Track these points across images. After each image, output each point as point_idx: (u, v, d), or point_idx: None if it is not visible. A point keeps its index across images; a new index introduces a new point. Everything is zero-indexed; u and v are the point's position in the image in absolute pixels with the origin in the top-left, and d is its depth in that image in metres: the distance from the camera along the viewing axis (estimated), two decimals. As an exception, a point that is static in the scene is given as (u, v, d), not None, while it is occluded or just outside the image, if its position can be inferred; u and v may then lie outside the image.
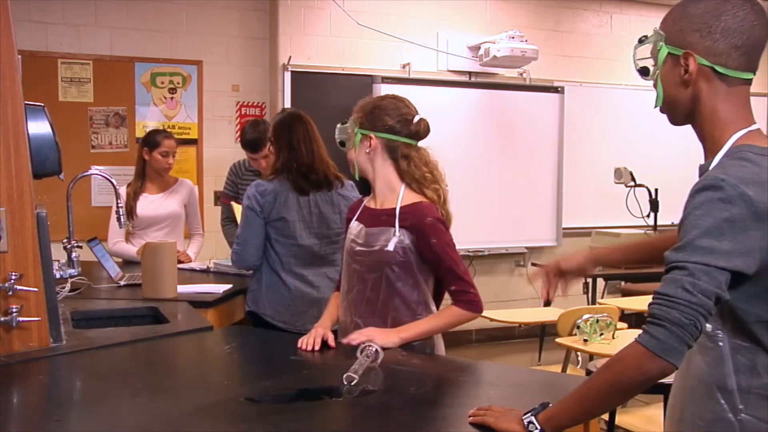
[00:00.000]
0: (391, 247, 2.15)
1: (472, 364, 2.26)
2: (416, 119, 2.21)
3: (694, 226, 1.27)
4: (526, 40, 5.84)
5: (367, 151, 2.21)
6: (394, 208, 2.18)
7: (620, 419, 3.12)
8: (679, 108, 1.43)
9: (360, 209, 2.31)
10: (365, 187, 2.39)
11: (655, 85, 1.46)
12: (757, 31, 1.38)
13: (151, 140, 4.02)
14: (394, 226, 2.16)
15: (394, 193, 2.21)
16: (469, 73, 6.22)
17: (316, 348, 2.11)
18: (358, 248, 2.22)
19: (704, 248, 1.25)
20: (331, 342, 2.15)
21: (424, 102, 3.92)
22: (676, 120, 1.47)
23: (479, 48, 6.00)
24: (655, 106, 1.48)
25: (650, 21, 6.53)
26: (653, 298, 1.27)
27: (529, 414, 1.38)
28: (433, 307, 2.22)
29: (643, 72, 1.48)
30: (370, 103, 2.25)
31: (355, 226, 2.27)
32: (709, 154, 1.40)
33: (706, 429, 1.37)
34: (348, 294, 2.26)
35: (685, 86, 1.40)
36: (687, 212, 1.30)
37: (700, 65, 1.38)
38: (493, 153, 6.23)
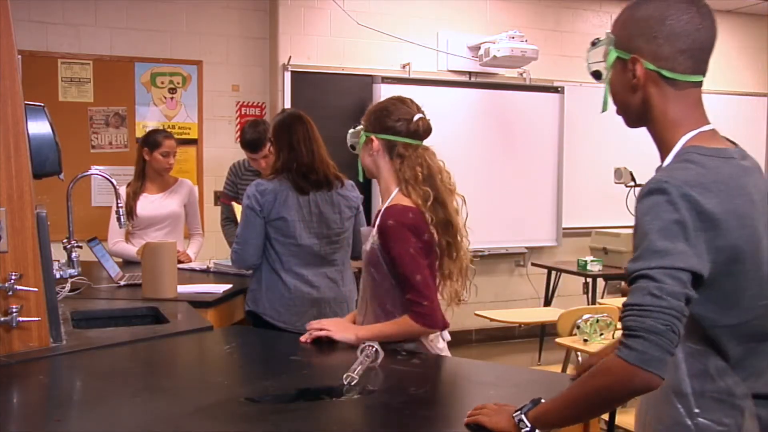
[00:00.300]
0: (367, 246, 2.18)
1: (472, 364, 2.26)
2: (415, 118, 2.21)
3: (647, 232, 1.26)
4: (526, 40, 5.84)
5: (371, 153, 2.23)
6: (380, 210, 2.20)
7: (620, 419, 3.12)
8: (632, 111, 1.44)
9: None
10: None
11: (611, 91, 1.47)
12: (703, 34, 1.38)
13: (152, 140, 4.02)
14: (375, 227, 2.18)
15: (389, 194, 2.22)
16: (469, 73, 6.22)
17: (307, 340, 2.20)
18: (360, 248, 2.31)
19: (660, 252, 1.24)
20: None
21: (424, 102, 3.93)
22: (630, 122, 1.48)
23: (479, 48, 6.00)
24: (602, 111, 1.50)
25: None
26: (624, 311, 1.25)
27: (519, 411, 1.38)
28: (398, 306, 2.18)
29: (596, 75, 1.50)
30: (375, 106, 2.27)
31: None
32: (663, 156, 1.40)
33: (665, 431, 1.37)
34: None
35: (634, 90, 1.41)
36: (637, 219, 1.30)
37: (647, 70, 1.38)
38: (493, 153, 6.23)
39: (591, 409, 1.33)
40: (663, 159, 1.40)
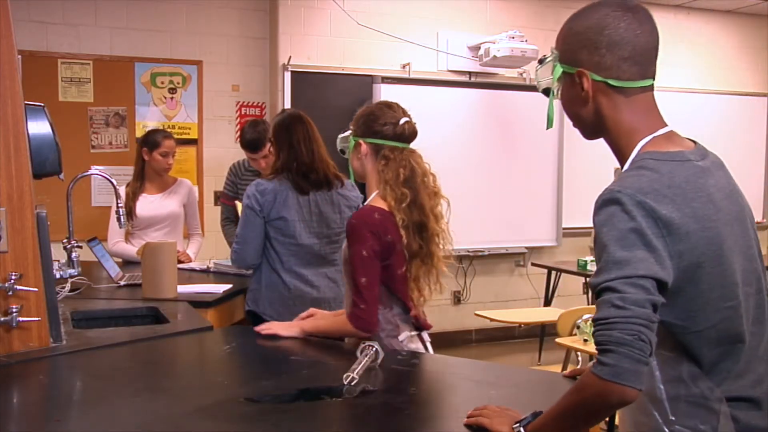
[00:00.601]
0: (343, 245, 2.26)
1: (472, 364, 2.26)
2: (401, 122, 2.27)
3: (605, 244, 1.26)
4: (526, 40, 5.84)
5: (359, 156, 2.28)
6: None
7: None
8: (586, 123, 1.45)
9: None
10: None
11: (562, 105, 1.48)
12: (643, 39, 1.38)
13: (151, 140, 4.01)
14: None
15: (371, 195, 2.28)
16: (469, 73, 6.22)
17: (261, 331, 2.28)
18: None
19: (620, 262, 1.23)
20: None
21: (424, 102, 3.92)
22: (586, 134, 1.49)
23: (479, 48, 6.00)
24: (547, 128, 1.53)
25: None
26: (594, 327, 1.25)
27: (519, 424, 1.38)
28: (393, 309, 2.20)
29: (546, 92, 1.51)
30: (363, 112, 2.32)
31: None
32: (622, 164, 1.41)
33: None
34: None
35: (584, 103, 1.42)
36: (596, 230, 1.30)
37: (593, 81, 1.39)
38: (493, 153, 6.23)
39: (577, 424, 1.32)
40: (622, 167, 1.41)
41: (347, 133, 2.34)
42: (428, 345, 2.29)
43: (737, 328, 1.35)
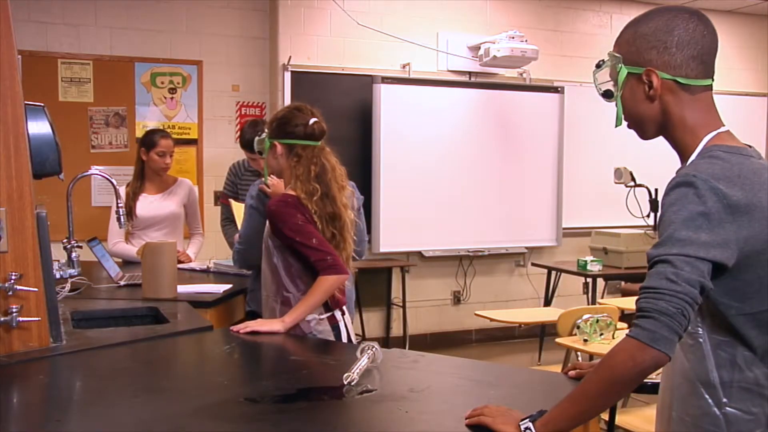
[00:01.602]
0: (265, 236, 2.50)
1: (472, 364, 2.26)
2: (310, 122, 2.48)
3: (671, 221, 1.31)
4: (526, 40, 5.84)
5: (275, 156, 2.51)
6: None
7: (620, 419, 3.11)
8: (649, 123, 1.49)
9: None
10: None
11: (624, 106, 1.51)
12: (709, 40, 1.47)
13: (148, 140, 4.02)
14: None
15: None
16: (469, 73, 6.22)
17: (240, 332, 2.33)
18: None
19: (683, 240, 1.28)
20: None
21: (424, 102, 3.91)
22: (647, 134, 1.53)
23: (479, 48, 6.00)
24: (616, 126, 1.55)
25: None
26: (640, 293, 1.30)
27: (527, 420, 1.39)
28: (289, 294, 2.44)
29: (607, 95, 1.56)
30: (276, 115, 2.56)
31: None
32: (684, 160, 1.46)
33: (693, 424, 1.41)
34: None
35: (651, 101, 1.47)
36: (663, 210, 1.35)
37: (662, 79, 1.44)
38: (493, 153, 6.23)
39: (600, 400, 1.34)
40: (684, 162, 1.45)
41: (263, 136, 2.55)
42: (342, 325, 2.49)
43: None
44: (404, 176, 5.87)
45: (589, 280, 5.33)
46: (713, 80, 1.48)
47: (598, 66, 1.56)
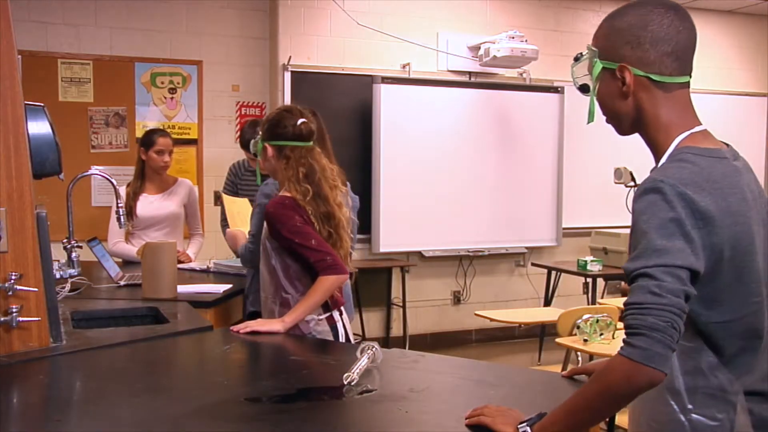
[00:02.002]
0: (262, 238, 2.51)
1: (472, 364, 2.26)
2: (298, 123, 2.49)
3: (645, 232, 1.29)
4: (526, 40, 5.84)
5: (266, 158, 2.53)
6: None
7: (620, 419, 3.12)
8: (624, 119, 1.47)
9: None
10: None
11: (599, 101, 1.49)
12: (685, 36, 1.41)
13: (147, 139, 4.04)
14: None
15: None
16: (469, 73, 6.22)
17: (240, 332, 2.34)
18: None
19: (659, 250, 1.26)
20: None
21: (424, 102, 3.91)
22: (622, 130, 1.51)
23: (479, 48, 6.00)
24: (588, 122, 1.52)
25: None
26: (625, 310, 1.27)
27: (525, 424, 1.39)
28: (288, 295, 2.44)
29: (584, 89, 1.52)
30: (267, 118, 2.57)
31: None
32: (657, 159, 1.43)
33: (660, 430, 1.39)
34: None
35: (624, 98, 1.44)
36: (634, 218, 1.33)
37: (636, 76, 1.41)
38: (493, 153, 6.23)
39: (596, 414, 1.34)
40: (657, 161, 1.42)
41: (257, 139, 2.56)
42: (340, 325, 2.50)
43: (759, 323, 1.39)
44: (404, 176, 5.87)
45: (589, 280, 5.33)
46: (690, 77, 1.44)
47: (576, 59, 1.53)
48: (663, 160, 1.40)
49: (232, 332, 2.32)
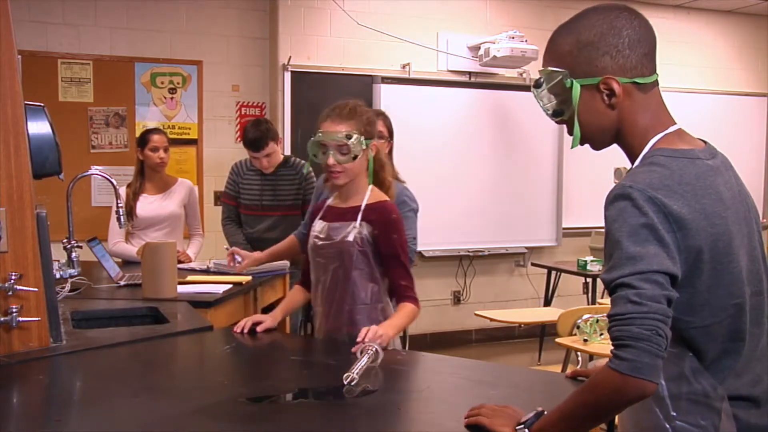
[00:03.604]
0: (351, 237, 2.30)
1: (472, 364, 2.26)
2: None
3: (617, 240, 1.28)
4: (526, 40, 5.84)
5: (366, 156, 2.35)
6: (359, 206, 2.33)
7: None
8: (606, 133, 1.43)
9: (323, 209, 2.45)
10: None
11: (568, 123, 1.44)
12: (653, 35, 1.41)
13: (141, 139, 4.09)
14: (356, 221, 2.31)
15: (361, 192, 2.36)
16: (469, 73, 6.22)
17: (245, 331, 2.31)
18: (320, 243, 2.37)
19: (633, 258, 1.25)
20: (259, 328, 2.33)
21: (424, 102, 3.91)
22: (602, 145, 1.47)
23: (479, 48, 6.00)
24: (573, 146, 1.47)
25: (650, 21, 6.52)
26: (609, 323, 1.26)
27: (523, 426, 1.38)
28: (387, 299, 2.36)
29: (557, 114, 1.46)
30: (364, 115, 2.35)
31: (318, 224, 2.42)
32: (632, 162, 1.41)
33: None
34: (315, 286, 2.41)
35: (611, 110, 1.40)
36: (607, 225, 1.32)
37: (623, 84, 1.38)
38: (493, 153, 6.23)
39: (587, 423, 1.33)
40: (632, 165, 1.41)
41: (354, 138, 2.27)
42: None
43: (741, 325, 1.36)
44: (404, 176, 5.86)
45: (589, 280, 5.33)
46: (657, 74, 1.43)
47: (538, 86, 1.47)
48: (636, 163, 1.38)
49: (360, 343, 2.04)
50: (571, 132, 1.44)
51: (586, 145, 1.51)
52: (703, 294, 1.32)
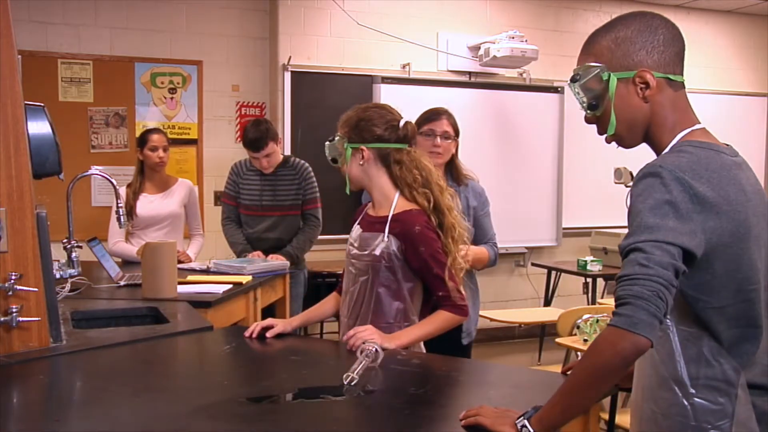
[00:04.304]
0: (378, 251, 2.21)
1: (472, 364, 2.26)
2: (402, 123, 2.25)
3: (639, 211, 1.33)
4: (526, 40, 5.84)
5: (361, 163, 2.25)
6: (387, 216, 2.23)
7: (620, 419, 3.11)
8: (638, 127, 1.49)
9: (362, 214, 2.38)
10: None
11: (601, 118, 1.50)
12: (683, 40, 1.49)
13: (140, 139, 4.12)
14: (384, 232, 2.21)
15: (388, 201, 2.26)
16: (469, 73, 6.22)
17: (254, 336, 2.25)
18: (354, 251, 2.29)
19: (651, 227, 1.29)
20: (269, 333, 2.26)
21: (424, 102, 3.92)
22: (635, 140, 1.52)
23: (479, 48, 6.00)
24: (609, 134, 1.51)
25: (650, 21, 6.53)
26: (617, 284, 1.31)
27: (522, 418, 1.39)
28: (414, 318, 2.23)
29: (593, 107, 1.51)
30: (354, 116, 2.27)
31: (355, 229, 2.35)
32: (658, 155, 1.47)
33: (662, 414, 1.42)
34: (345, 295, 2.34)
35: (645, 102, 1.46)
36: (632, 200, 1.37)
37: (656, 78, 1.45)
38: (493, 153, 6.23)
39: (589, 392, 1.35)
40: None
41: (338, 140, 2.27)
42: None
43: (756, 311, 1.41)
44: (404, 176, 5.87)
45: (589, 280, 5.33)
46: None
47: (575, 80, 1.52)
48: (665, 152, 1.44)
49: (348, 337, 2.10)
50: (601, 131, 1.52)
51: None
52: (721, 276, 1.36)
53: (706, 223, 1.32)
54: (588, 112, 1.53)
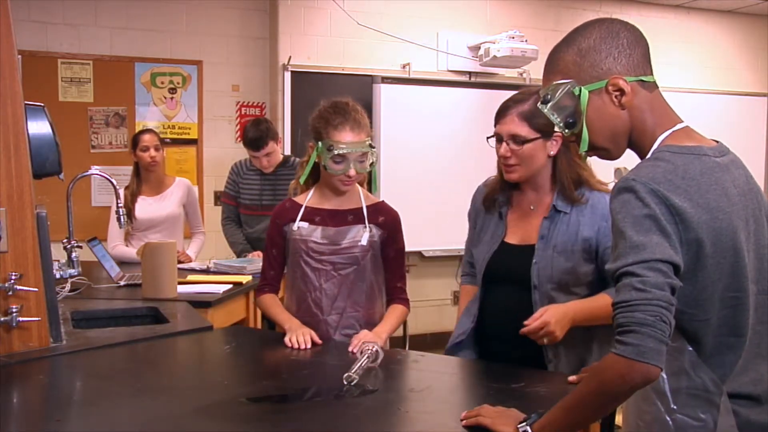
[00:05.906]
0: (364, 241, 2.29)
1: (472, 364, 2.26)
2: None
3: (621, 231, 1.30)
4: (526, 40, 5.84)
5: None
6: (359, 207, 2.31)
7: (620, 419, 3.11)
8: (621, 136, 1.44)
9: (301, 211, 2.32)
10: None
11: (580, 134, 1.45)
12: (645, 39, 1.45)
13: (133, 141, 4.12)
14: (363, 223, 2.30)
15: (354, 194, 2.35)
16: (469, 73, 6.22)
17: (308, 347, 2.16)
18: (324, 248, 2.28)
19: (637, 247, 1.27)
20: (317, 340, 2.21)
21: (424, 102, 3.92)
22: (620, 150, 1.48)
23: (479, 48, 6.00)
24: (584, 149, 1.47)
25: (650, 21, 6.53)
26: (614, 310, 1.27)
27: (525, 423, 1.39)
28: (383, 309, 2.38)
29: (569, 125, 1.47)
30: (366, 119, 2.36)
31: (305, 227, 2.30)
32: (642, 159, 1.44)
33: (646, 428, 1.41)
34: (311, 293, 2.30)
35: (621, 109, 1.42)
36: (612, 218, 1.34)
37: (629, 82, 1.40)
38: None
39: (593, 412, 1.34)
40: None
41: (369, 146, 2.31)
42: None
43: (740, 320, 1.38)
44: (404, 176, 5.86)
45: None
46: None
47: (546, 102, 1.47)
48: (641, 162, 1.41)
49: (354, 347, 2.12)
50: (583, 147, 1.46)
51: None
52: (707, 288, 1.34)
53: (686, 234, 1.30)
54: (566, 131, 1.48)
